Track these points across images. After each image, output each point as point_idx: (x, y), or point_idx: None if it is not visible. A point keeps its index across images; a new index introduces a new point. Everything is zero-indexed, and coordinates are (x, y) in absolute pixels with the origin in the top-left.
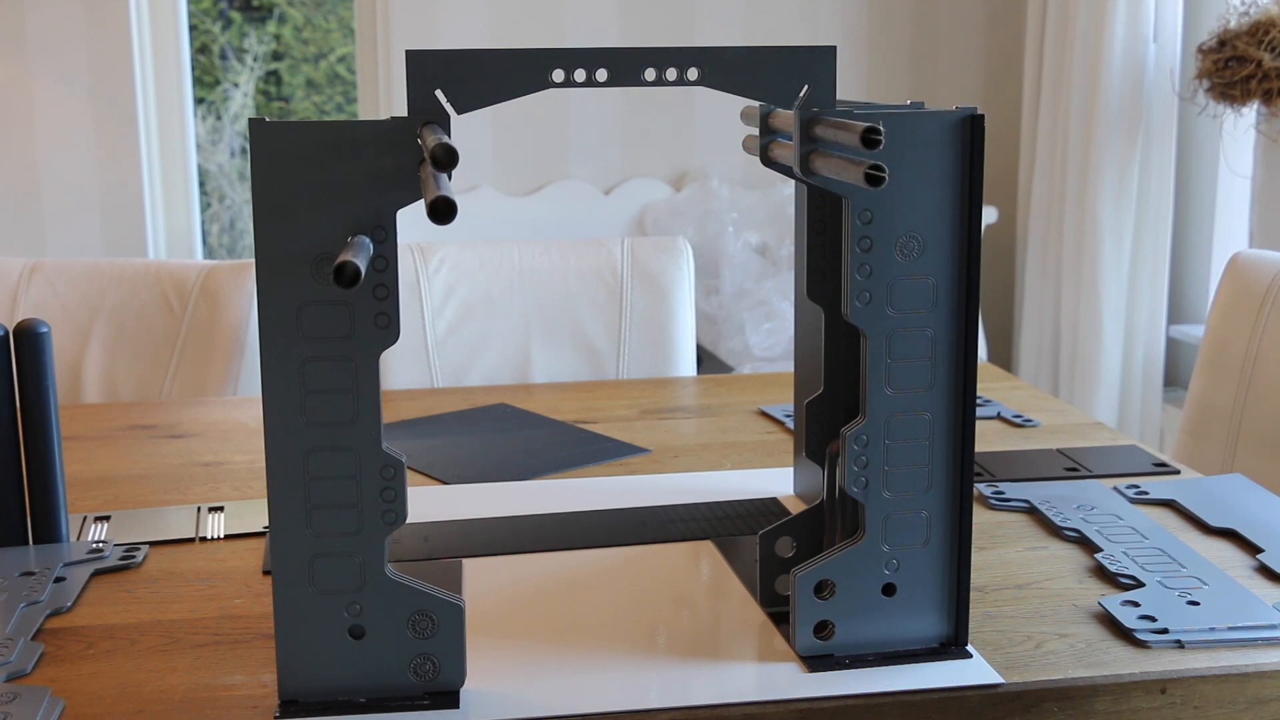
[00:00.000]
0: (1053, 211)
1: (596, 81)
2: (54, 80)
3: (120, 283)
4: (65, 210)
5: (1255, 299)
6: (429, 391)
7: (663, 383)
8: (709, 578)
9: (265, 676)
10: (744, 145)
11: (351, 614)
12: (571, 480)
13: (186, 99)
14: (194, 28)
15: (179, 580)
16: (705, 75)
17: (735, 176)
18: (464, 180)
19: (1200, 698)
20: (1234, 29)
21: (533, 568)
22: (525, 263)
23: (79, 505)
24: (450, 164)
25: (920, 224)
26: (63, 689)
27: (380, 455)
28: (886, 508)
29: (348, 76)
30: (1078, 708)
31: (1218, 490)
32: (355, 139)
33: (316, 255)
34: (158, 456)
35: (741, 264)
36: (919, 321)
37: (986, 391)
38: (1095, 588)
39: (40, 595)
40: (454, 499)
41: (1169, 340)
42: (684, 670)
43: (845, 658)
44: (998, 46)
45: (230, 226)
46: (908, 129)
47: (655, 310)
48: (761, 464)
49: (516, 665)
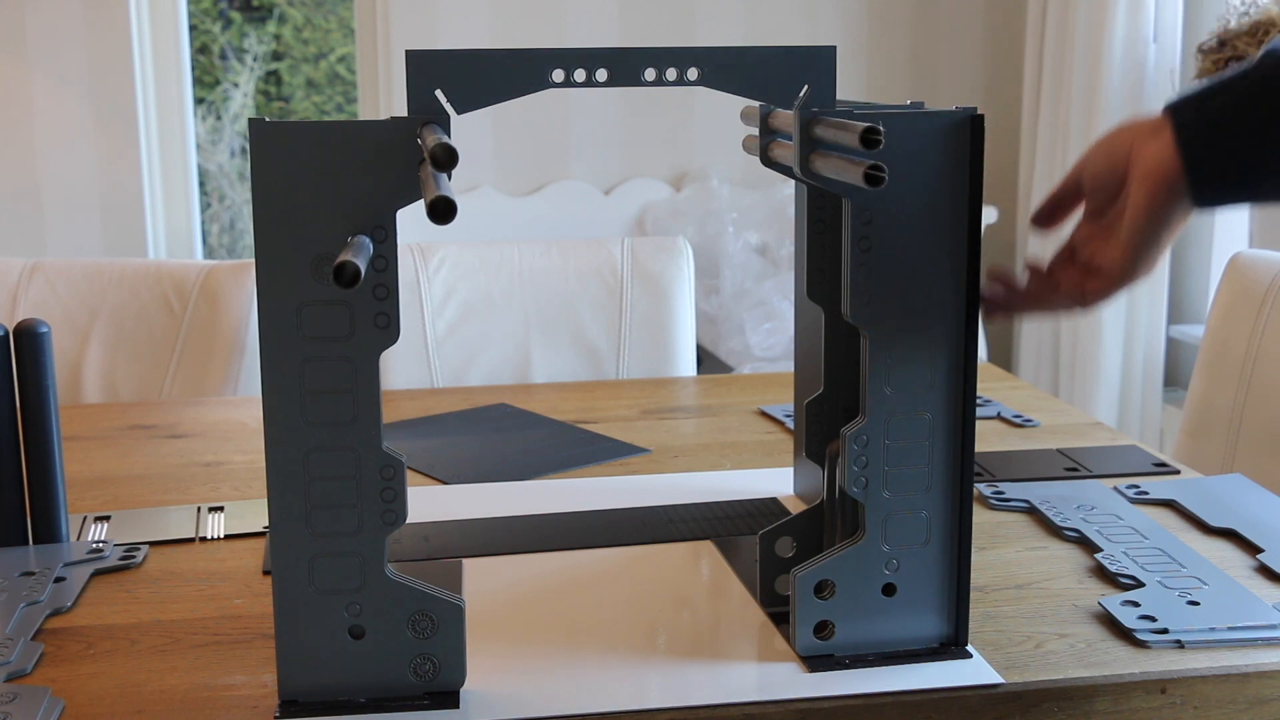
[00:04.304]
0: None
1: (596, 81)
2: (54, 80)
3: (120, 283)
4: (65, 210)
5: (1255, 299)
6: (429, 391)
7: (663, 383)
8: (709, 578)
9: (265, 676)
10: (744, 145)
11: (351, 614)
12: (571, 480)
13: (186, 99)
14: (194, 28)
15: (179, 580)
16: (705, 75)
17: (735, 176)
18: (464, 180)
19: (1200, 698)
20: (1234, 29)
21: (533, 568)
22: (525, 263)
23: (79, 505)
24: (450, 164)
25: (920, 224)
26: (63, 689)
27: (380, 455)
28: (886, 508)
29: (348, 76)
30: (1078, 708)
31: (1218, 490)
32: (355, 139)
33: (316, 255)
34: (158, 456)
35: (741, 264)
36: (919, 322)
37: (986, 391)
38: (1095, 588)
39: (40, 595)
40: (454, 499)
41: (1169, 340)
42: (684, 670)
43: (845, 658)
44: (998, 46)
45: (230, 226)
46: (908, 129)
47: (655, 310)
48: (761, 464)
49: (516, 665)
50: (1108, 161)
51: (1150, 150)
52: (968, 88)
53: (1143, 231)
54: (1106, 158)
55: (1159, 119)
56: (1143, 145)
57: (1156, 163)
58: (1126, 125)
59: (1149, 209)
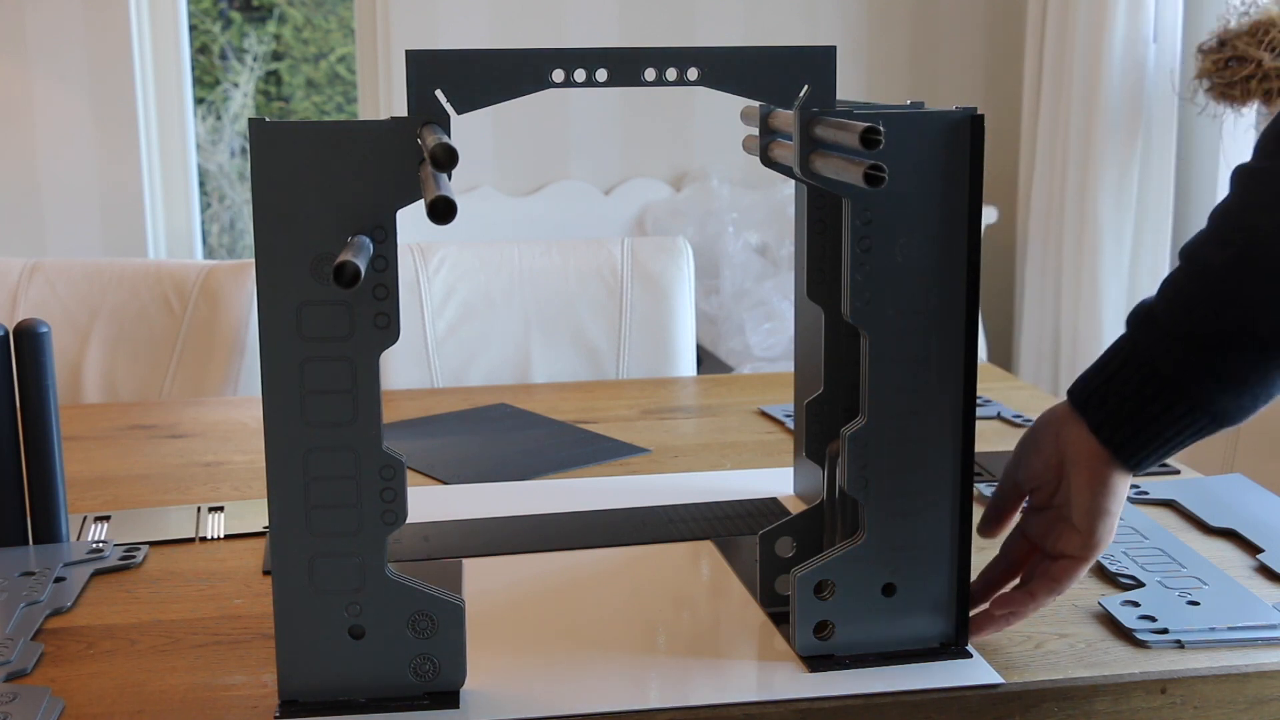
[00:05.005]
0: (1053, 211)
1: (596, 81)
2: (54, 80)
3: (120, 283)
4: (65, 210)
5: None
6: (429, 391)
7: (663, 383)
8: (709, 578)
9: (265, 676)
10: (744, 145)
11: (351, 614)
12: (571, 480)
13: (186, 99)
14: (194, 28)
15: (179, 580)
16: (705, 75)
17: (735, 176)
18: (464, 180)
19: (1200, 698)
20: (1234, 29)
21: (533, 568)
22: (525, 263)
23: (79, 505)
24: (450, 164)
25: (920, 224)
26: (63, 689)
27: (380, 455)
28: (886, 508)
29: (348, 76)
30: (1078, 708)
31: (1218, 490)
32: (355, 139)
33: (316, 255)
34: (158, 456)
35: (741, 264)
36: (919, 322)
37: (986, 391)
38: (1095, 588)
39: (40, 595)
40: (454, 499)
41: None
42: (684, 670)
43: (845, 658)
44: (998, 46)
45: (230, 226)
46: (908, 129)
47: (655, 310)
48: (761, 464)
49: (516, 665)
50: (1038, 458)
51: (1073, 436)
52: (968, 88)
53: (1093, 509)
54: (1036, 455)
55: (1068, 409)
56: (1065, 433)
57: (1083, 448)
58: (1044, 421)
59: (1092, 487)
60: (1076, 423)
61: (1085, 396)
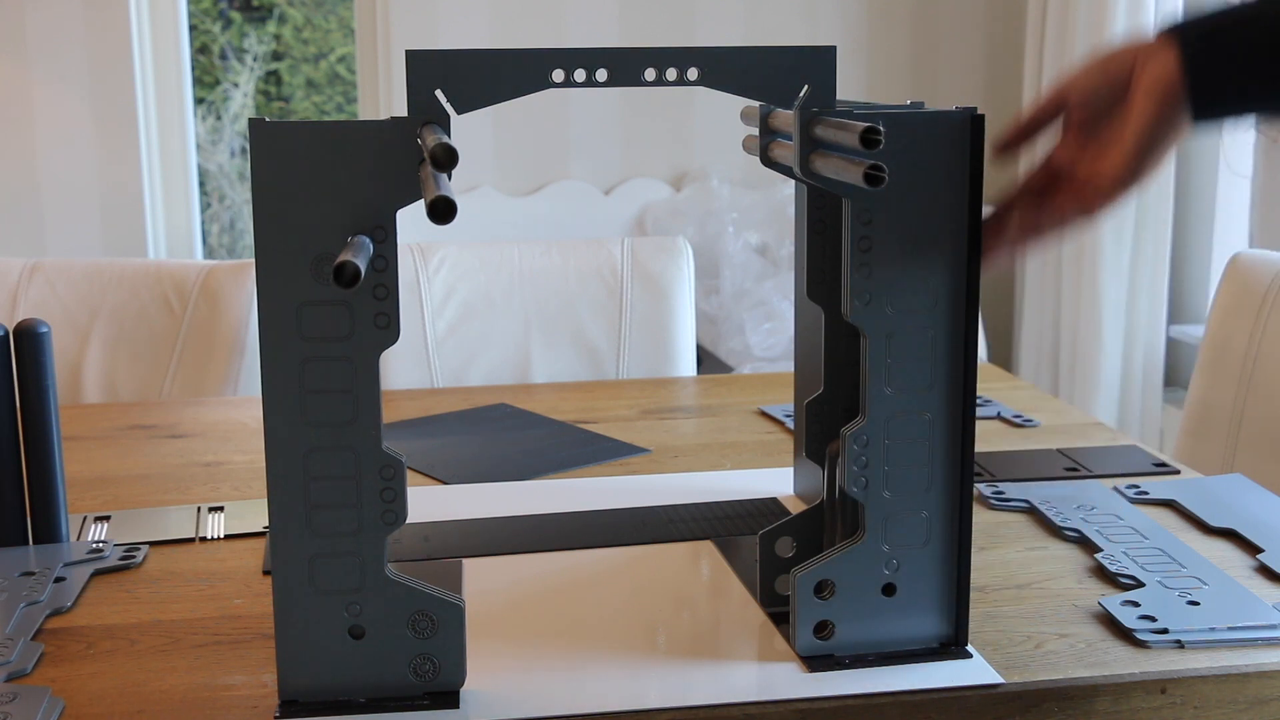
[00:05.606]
0: None
1: (596, 81)
2: (54, 80)
3: (120, 283)
4: (65, 210)
5: (1255, 299)
6: (429, 391)
7: (663, 383)
8: (709, 578)
9: (265, 676)
10: (744, 145)
11: (351, 614)
12: (571, 480)
13: (186, 99)
14: (194, 28)
15: (179, 580)
16: (705, 75)
17: (735, 176)
18: (464, 180)
19: (1200, 698)
20: None
21: (533, 568)
22: (525, 263)
23: (79, 505)
24: (450, 164)
25: (920, 224)
26: (63, 689)
27: (380, 455)
28: (886, 508)
29: (348, 76)
30: (1078, 708)
31: (1218, 490)
32: (355, 139)
33: (316, 255)
34: (158, 456)
35: (741, 264)
36: (919, 321)
37: (986, 391)
38: (1095, 588)
39: (40, 595)
40: (454, 499)
41: (1169, 340)
42: (684, 670)
43: (845, 658)
44: (998, 46)
45: (230, 226)
46: (908, 129)
47: (655, 310)
48: (761, 464)
49: (516, 665)
50: (1104, 78)
51: (1155, 66)
52: (968, 88)
53: (1148, 138)
54: (1103, 75)
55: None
56: (1147, 60)
57: (1162, 76)
58: (1125, 46)
59: (1156, 117)
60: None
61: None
